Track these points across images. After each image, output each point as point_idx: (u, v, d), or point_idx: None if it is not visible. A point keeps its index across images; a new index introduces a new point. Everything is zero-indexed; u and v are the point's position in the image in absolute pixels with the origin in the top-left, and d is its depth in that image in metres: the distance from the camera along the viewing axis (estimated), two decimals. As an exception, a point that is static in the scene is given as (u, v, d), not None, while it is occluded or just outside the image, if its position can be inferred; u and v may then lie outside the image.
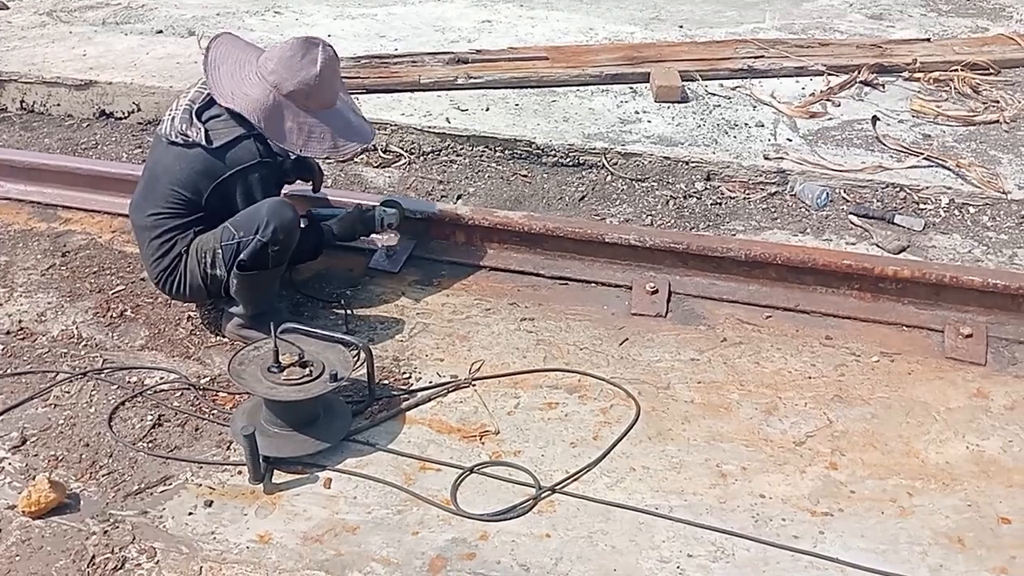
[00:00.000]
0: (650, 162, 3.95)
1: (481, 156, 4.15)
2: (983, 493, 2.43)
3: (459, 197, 3.88)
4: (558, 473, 2.47)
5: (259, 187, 2.83)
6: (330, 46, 2.88)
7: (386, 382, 2.79)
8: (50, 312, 3.12)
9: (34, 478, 2.37)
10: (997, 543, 2.28)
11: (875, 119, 4.14)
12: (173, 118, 2.84)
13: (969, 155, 3.96)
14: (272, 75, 2.80)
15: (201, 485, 2.44)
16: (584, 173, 4.02)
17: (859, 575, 2.19)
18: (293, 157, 3.12)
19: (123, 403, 2.71)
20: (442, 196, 3.89)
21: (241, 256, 2.75)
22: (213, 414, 2.66)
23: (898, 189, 3.74)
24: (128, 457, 2.53)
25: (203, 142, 2.76)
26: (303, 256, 3.08)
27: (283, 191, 3.14)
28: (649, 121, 4.24)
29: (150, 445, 2.57)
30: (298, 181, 3.28)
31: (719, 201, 3.78)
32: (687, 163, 3.91)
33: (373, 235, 3.31)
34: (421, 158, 4.16)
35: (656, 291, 3.19)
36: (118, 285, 3.26)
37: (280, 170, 3.04)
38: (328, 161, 3.93)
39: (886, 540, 2.28)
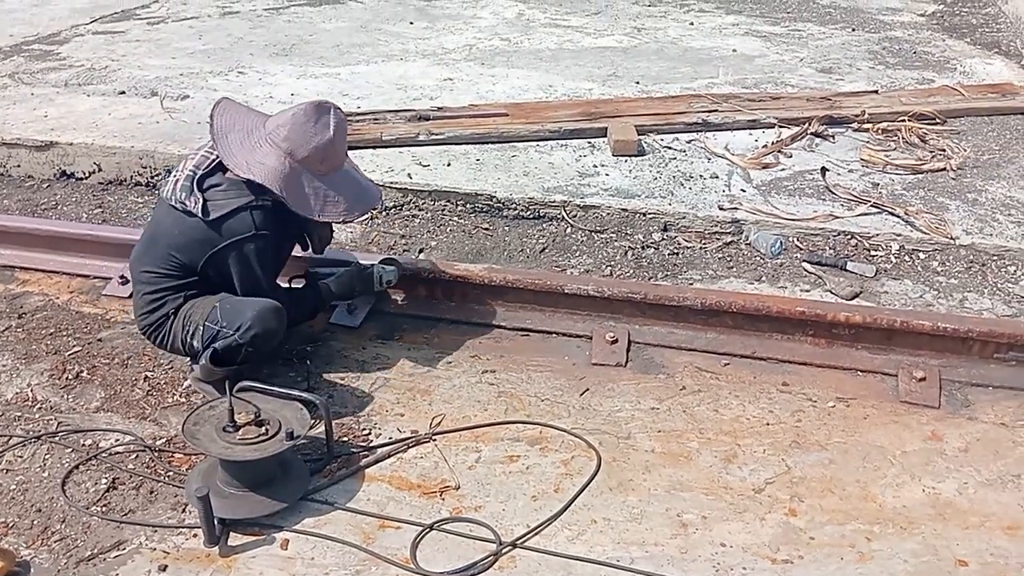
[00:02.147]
0: (608, 214, 4.02)
1: (443, 210, 4.20)
2: (940, 536, 2.45)
3: (421, 251, 3.91)
4: (519, 527, 2.46)
5: (255, 258, 2.82)
6: (339, 109, 2.88)
7: (345, 439, 2.77)
8: (4, 375, 3.07)
9: (-18, 547, 2.31)
10: (955, 586, 2.31)
11: (824, 169, 4.26)
12: (177, 182, 2.83)
13: (917, 202, 4.08)
14: (286, 142, 2.78)
15: (156, 549, 2.39)
16: (544, 225, 4.07)
17: (820, 622, 2.20)
18: (312, 220, 2.95)
19: (77, 467, 2.66)
20: (404, 250, 3.91)
21: (215, 345, 2.76)
22: (168, 476, 2.62)
23: (849, 236, 3.83)
24: (81, 522, 2.48)
25: (199, 213, 2.75)
26: (301, 317, 3.09)
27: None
28: (607, 174, 4.33)
29: (104, 509, 2.52)
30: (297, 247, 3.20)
31: (676, 251, 3.85)
32: (644, 215, 3.99)
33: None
34: (383, 213, 4.20)
35: (616, 341, 3.22)
36: (75, 346, 3.23)
37: (277, 241, 2.94)
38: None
39: (846, 586, 2.29)
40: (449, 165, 4.41)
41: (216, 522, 2.33)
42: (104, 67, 5.85)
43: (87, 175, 4.60)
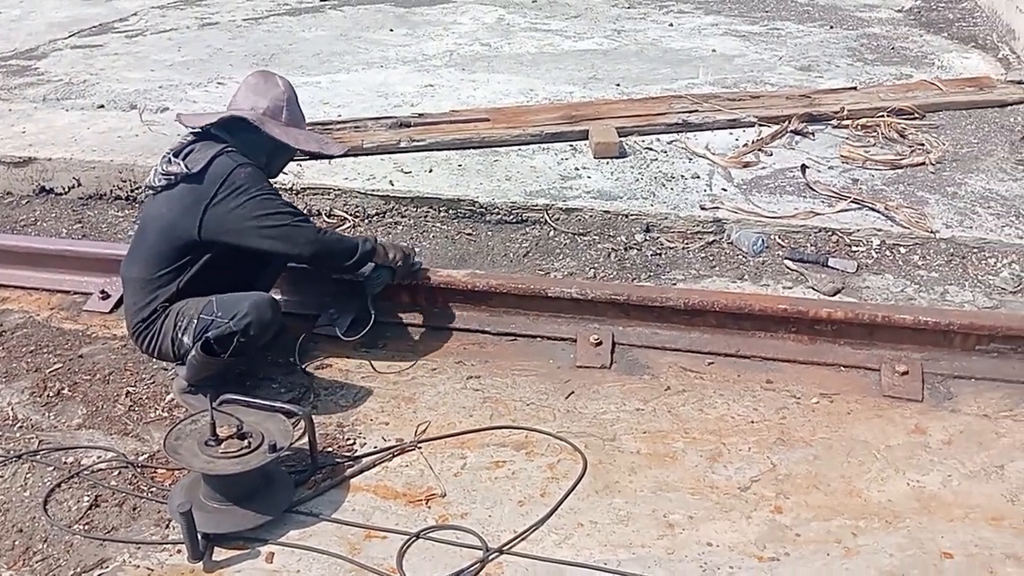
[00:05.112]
0: (591, 216, 4.03)
1: (425, 217, 4.19)
2: (925, 529, 2.46)
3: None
4: (506, 533, 2.45)
5: (255, 185, 2.83)
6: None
7: (330, 449, 2.76)
8: (-16, 394, 3.05)
9: (-38, 569, 2.28)
10: (941, 578, 2.31)
11: (804, 167, 4.28)
12: (155, 169, 2.92)
13: (897, 197, 4.10)
14: (246, 101, 2.96)
15: (139, 566, 2.37)
16: (527, 229, 4.07)
17: (807, 619, 2.20)
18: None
19: (59, 485, 2.64)
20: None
21: (208, 334, 2.75)
22: (151, 492, 2.60)
23: (830, 233, 3.85)
24: (64, 541, 2.45)
25: (184, 169, 2.82)
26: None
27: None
28: (589, 177, 4.33)
29: (86, 527, 2.49)
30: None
31: (659, 252, 3.85)
32: (627, 216, 3.99)
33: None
34: (366, 221, 4.19)
35: (600, 343, 3.22)
36: (55, 363, 3.20)
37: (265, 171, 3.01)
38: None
39: (832, 582, 2.30)
40: (431, 171, 4.40)
41: (200, 537, 2.31)
42: (82, 81, 5.82)
43: (66, 190, 4.56)
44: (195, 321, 2.80)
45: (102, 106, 5.33)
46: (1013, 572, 2.32)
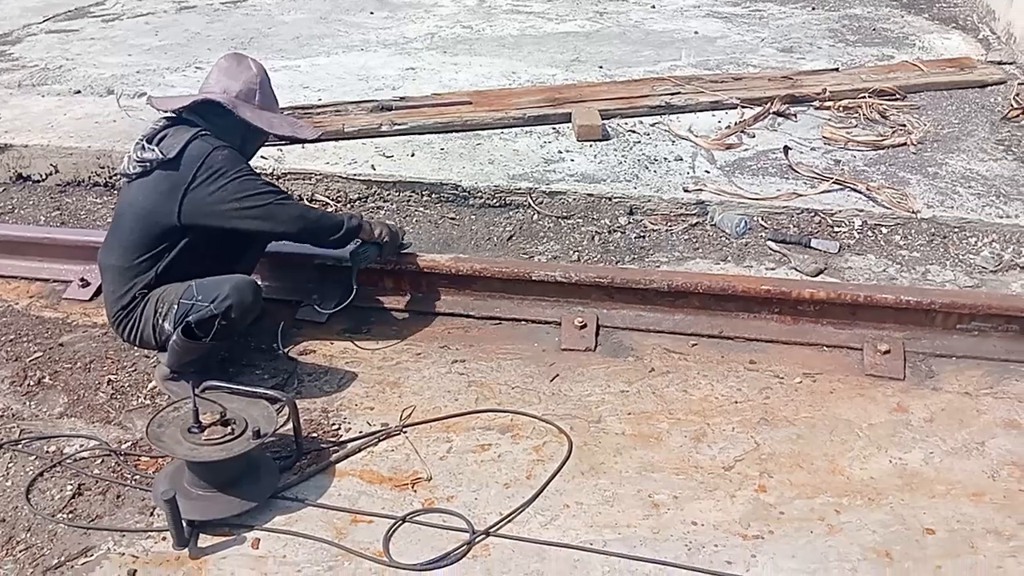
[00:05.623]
0: (574, 199, 4.02)
1: (408, 201, 4.17)
2: (907, 506, 2.49)
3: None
4: (492, 516, 2.46)
5: (232, 167, 2.81)
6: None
7: (315, 435, 2.75)
8: (-37, 384, 3.02)
9: (-57, 560, 2.26)
10: (923, 554, 2.33)
11: (787, 148, 4.28)
12: (128, 156, 2.88)
13: (879, 178, 4.12)
14: (218, 84, 2.92)
15: (124, 554, 2.36)
16: (511, 213, 4.06)
17: (791, 596, 2.22)
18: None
19: (41, 474, 2.61)
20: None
21: (189, 318, 2.73)
22: (135, 480, 2.58)
23: (813, 214, 3.86)
24: (47, 530, 2.43)
25: (159, 155, 2.79)
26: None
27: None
28: (572, 160, 4.32)
29: (70, 516, 2.48)
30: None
31: (642, 234, 3.85)
32: (610, 199, 3.99)
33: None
34: (348, 206, 4.16)
35: (584, 325, 3.22)
36: (36, 352, 3.17)
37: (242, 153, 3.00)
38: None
39: (816, 559, 2.32)
40: (413, 155, 4.37)
41: (185, 524, 2.30)
42: (58, 67, 5.73)
43: (44, 177, 4.50)
44: (175, 306, 2.78)
45: (79, 91, 5.25)
46: (994, 547, 2.35)
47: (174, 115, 2.91)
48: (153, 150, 2.81)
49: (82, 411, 2.88)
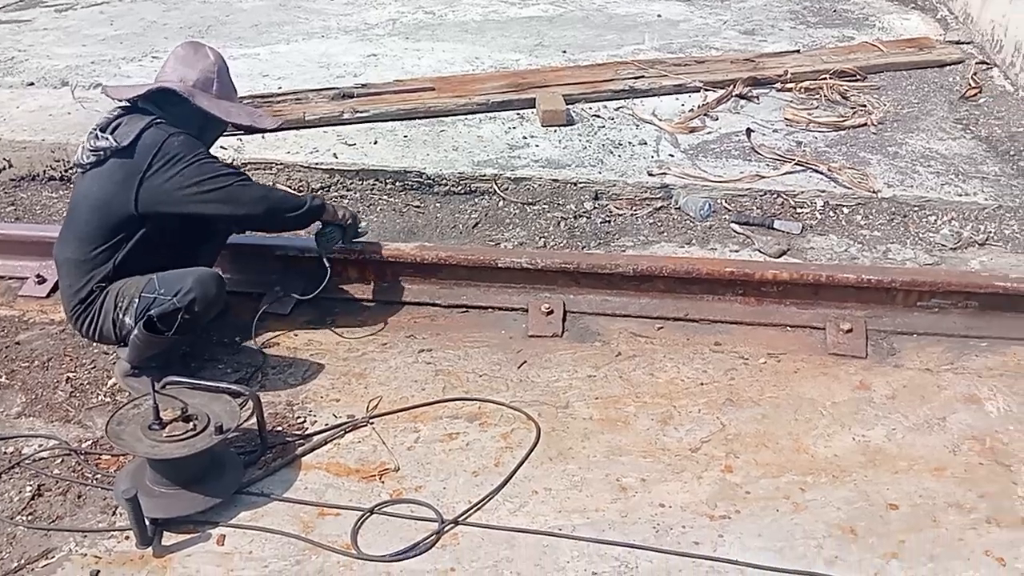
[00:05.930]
0: (540, 185, 4.01)
1: (372, 189, 4.13)
2: (871, 482, 2.52)
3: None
4: (461, 504, 2.45)
5: (190, 152, 2.75)
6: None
7: (280, 428, 2.72)
8: (-85, 386, 2.94)
9: (-102, 567, 2.21)
10: (887, 529, 2.37)
11: (749, 131, 4.30)
12: (82, 146, 2.82)
13: (840, 158, 4.16)
14: (175, 73, 2.84)
15: (86, 555, 2.31)
16: (476, 200, 4.04)
17: (758, 574, 2.24)
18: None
19: (-1, 476, 2.56)
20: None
21: (151, 312, 2.68)
22: (96, 479, 2.54)
23: (776, 195, 3.89)
24: (6, 533, 2.38)
25: (113, 145, 2.73)
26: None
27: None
28: (537, 145, 4.31)
29: (30, 518, 2.43)
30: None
31: (608, 219, 3.86)
32: (575, 184, 3.98)
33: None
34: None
35: (551, 311, 3.22)
36: (-9, 351, 3.10)
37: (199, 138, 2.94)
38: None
39: (782, 537, 2.34)
40: (376, 143, 4.33)
41: (148, 522, 2.26)
42: (10, 58, 5.59)
43: (-3, 172, 4.40)
44: (136, 300, 2.73)
45: (32, 83, 5.13)
46: (955, 520, 2.39)
47: (129, 104, 2.85)
48: (107, 139, 2.75)
49: (40, 410, 2.82)
